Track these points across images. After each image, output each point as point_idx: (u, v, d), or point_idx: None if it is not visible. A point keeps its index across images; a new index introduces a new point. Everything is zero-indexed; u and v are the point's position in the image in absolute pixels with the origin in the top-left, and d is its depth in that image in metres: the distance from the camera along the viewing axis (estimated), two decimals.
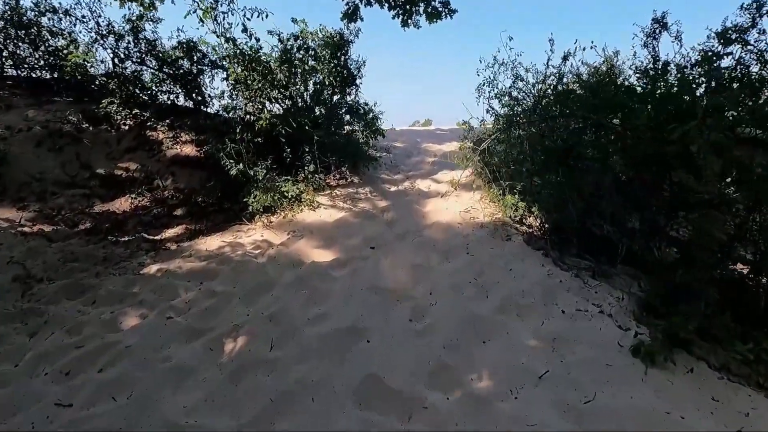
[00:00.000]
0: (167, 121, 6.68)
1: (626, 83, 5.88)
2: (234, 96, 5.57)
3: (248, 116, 5.34)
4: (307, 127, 5.97)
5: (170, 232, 4.59)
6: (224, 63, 5.56)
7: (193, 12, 4.79)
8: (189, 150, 6.37)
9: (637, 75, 5.82)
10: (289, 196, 5.04)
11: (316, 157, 6.00)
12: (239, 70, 4.96)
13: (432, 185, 6.14)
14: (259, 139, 5.79)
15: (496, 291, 3.13)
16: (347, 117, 7.27)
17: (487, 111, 8.99)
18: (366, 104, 7.20)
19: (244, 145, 5.23)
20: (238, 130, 5.15)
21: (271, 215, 4.90)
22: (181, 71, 6.80)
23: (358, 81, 7.49)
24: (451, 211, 4.94)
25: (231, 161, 4.68)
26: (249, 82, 5.04)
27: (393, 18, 7.34)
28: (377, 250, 4.00)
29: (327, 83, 7.28)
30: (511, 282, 3.26)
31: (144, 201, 5.24)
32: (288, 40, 5.05)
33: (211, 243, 4.24)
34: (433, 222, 4.66)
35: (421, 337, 2.61)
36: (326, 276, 3.44)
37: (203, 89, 6.86)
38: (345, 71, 7.45)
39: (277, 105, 6.77)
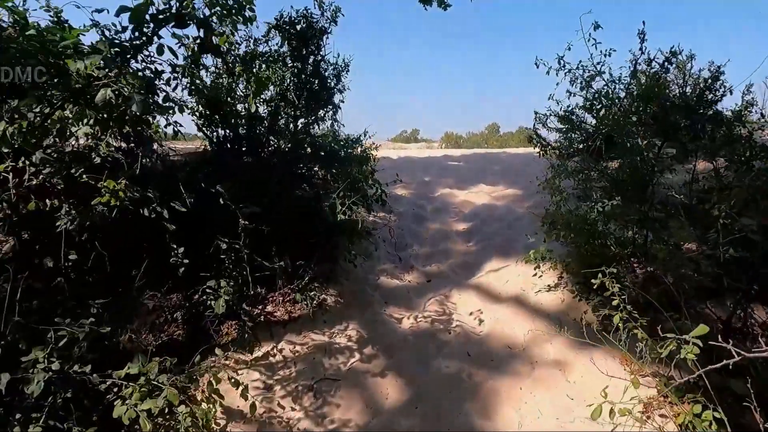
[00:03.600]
0: None
1: None
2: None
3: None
4: (223, 200, 2.79)
5: None
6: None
7: None
8: None
9: None
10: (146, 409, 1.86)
11: (244, 259, 2.82)
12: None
13: (487, 308, 3.01)
14: (137, 219, 2.59)
15: None
16: (315, 159, 4.14)
17: (534, 142, 6.13)
18: (350, 140, 4.07)
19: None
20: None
21: None
22: None
23: (337, 98, 4.43)
24: None
25: None
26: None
27: None
28: None
29: (282, 102, 4.28)
30: None
31: None
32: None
33: None
34: None
35: None
36: None
37: None
38: (316, 80, 4.42)
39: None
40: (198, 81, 3.93)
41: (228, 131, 4.21)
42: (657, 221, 3.54)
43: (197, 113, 4.01)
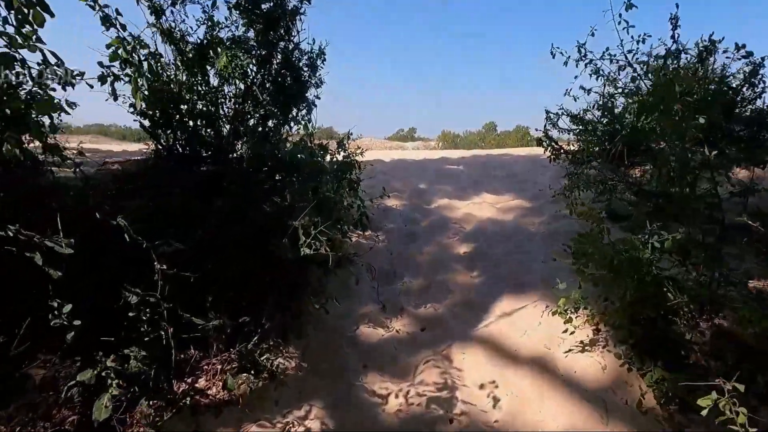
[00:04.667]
0: None
1: None
2: None
3: None
4: (131, 236, 1.98)
5: None
6: None
7: None
8: None
9: None
10: None
11: (164, 317, 2.01)
12: None
13: (501, 377, 2.22)
14: None
15: None
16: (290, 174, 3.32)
17: (545, 145, 5.29)
18: (323, 147, 3.25)
19: None
20: None
21: None
22: None
23: (311, 93, 3.67)
24: None
25: None
26: None
27: None
28: None
29: (247, 100, 3.57)
30: None
31: None
32: None
33: None
34: None
35: None
36: None
37: None
38: (287, 72, 3.68)
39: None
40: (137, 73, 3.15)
41: (179, 133, 3.43)
42: (714, 248, 2.76)
43: (139, 111, 3.23)
